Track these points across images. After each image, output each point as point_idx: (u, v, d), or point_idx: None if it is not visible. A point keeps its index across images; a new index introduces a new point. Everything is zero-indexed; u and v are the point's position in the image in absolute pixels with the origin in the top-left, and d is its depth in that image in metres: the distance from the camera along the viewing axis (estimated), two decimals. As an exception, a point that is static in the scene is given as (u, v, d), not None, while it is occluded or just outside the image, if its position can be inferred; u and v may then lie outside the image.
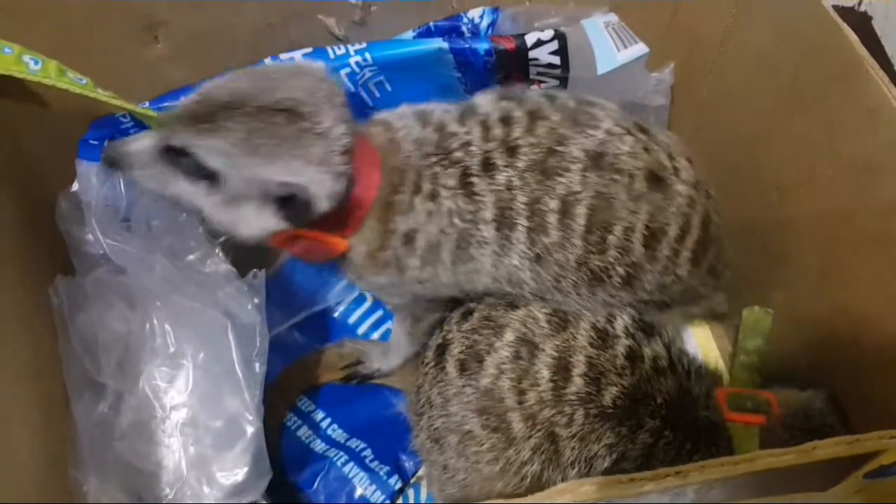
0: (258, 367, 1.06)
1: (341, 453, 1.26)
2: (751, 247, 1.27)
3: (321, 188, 0.89)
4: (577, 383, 0.98)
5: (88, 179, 1.06)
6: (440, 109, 1.03)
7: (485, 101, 1.03)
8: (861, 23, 1.65)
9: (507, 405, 0.99)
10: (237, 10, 1.12)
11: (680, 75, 1.33)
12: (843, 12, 1.61)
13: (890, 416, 0.96)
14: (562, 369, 0.99)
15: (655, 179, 1.00)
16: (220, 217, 0.93)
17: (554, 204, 0.95)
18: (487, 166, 0.96)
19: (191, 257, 1.09)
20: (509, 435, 0.99)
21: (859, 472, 0.75)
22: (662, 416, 1.00)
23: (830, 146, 1.04)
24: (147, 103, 1.11)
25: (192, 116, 0.87)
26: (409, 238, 0.98)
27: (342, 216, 0.94)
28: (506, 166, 0.96)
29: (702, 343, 1.39)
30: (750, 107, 1.22)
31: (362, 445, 1.27)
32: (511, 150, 0.96)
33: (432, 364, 1.09)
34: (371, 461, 1.25)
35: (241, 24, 1.14)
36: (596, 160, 0.96)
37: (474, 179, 0.96)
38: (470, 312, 1.07)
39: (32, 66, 0.97)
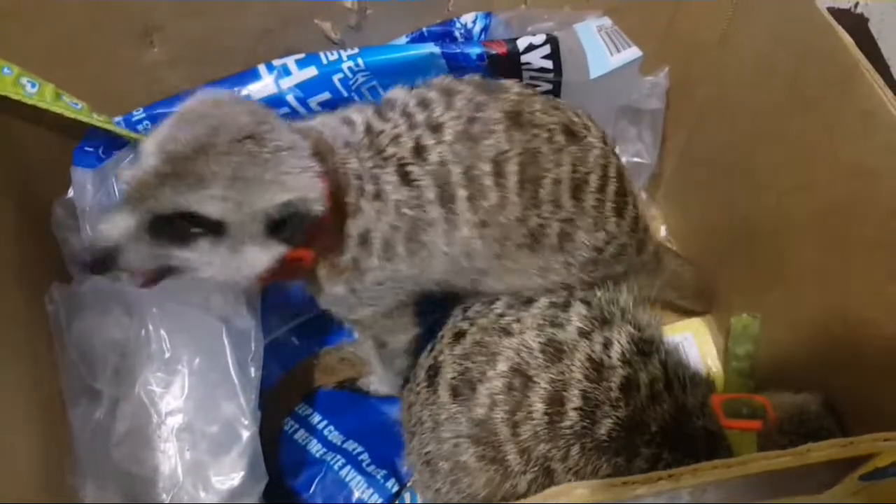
0: (253, 372, 1.06)
1: (338, 457, 1.26)
2: (748, 249, 1.28)
3: (314, 192, 0.89)
4: (571, 417, 0.96)
5: (83, 186, 1.07)
6: (359, 111, 1.04)
7: (399, 92, 1.05)
8: (857, 25, 1.65)
9: (501, 437, 0.97)
10: (234, 14, 1.12)
11: (677, 79, 1.33)
12: (839, 14, 1.61)
13: (886, 419, 0.96)
14: (556, 403, 0.97)
15: (570, 133, 1.04)
16: (224, 269, 0.90)
17: (487, 167, 0.98)
18: (419, 151, 0.98)
19: None
20: (506, 468, 0.98)
21: (855, 474, 0.75)
22: (658, 442, 0.99)
23: (827, 149, 1.04)
24: (142, 110, 1.12)
25: (167, 177, 0.84)
26: (363, 239, 0.99)
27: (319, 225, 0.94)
28: (435, 144, 0.98)
29: (700, 342, 1.40)
30: (747, 110, 1.22)
31: (359, 449, 1.27)
32: (436, 128, 0.99)
33: (424, 385, 1.07)
34: (368, 465, 1.25)
35: (238, 28, 1.13)
36: (515, 119, 1.00)
37: (410, 168, 0.98)
38: (462, 334, 1.06)
39: (29, 89, 0.99)
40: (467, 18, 1.21)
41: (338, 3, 1.15)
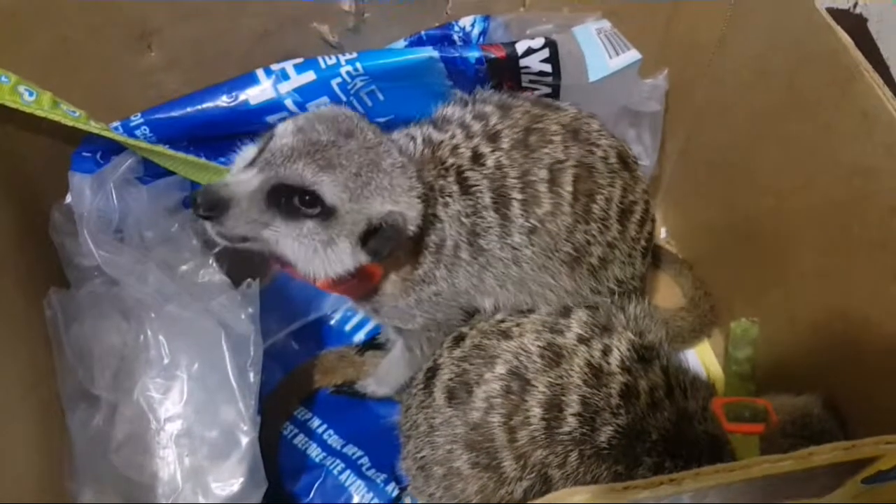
0: (252, 377, 1.05)
1: (338, 461, 1.26)
2: (749, 250, 1.28)
3: (414, 211, 0.96)
4: (570, 423, 0.96)
5: (81, 191, 1.07)
6: (418, 126, 1.10)
7: (454, 108, 1.11)
8: (856, 25, 1.64)
9: (497, 443, 0.97)
10: (231, 18, 1.11)
11: (676, 81, 1.33)
12: (839, 15, 1.61)
13: (889, 419, 0.96)
14: (554, 408, 0.97)
15: (623, 160, 1.08)
16: (310, 257, 0.94)
17: (543, 173, 1.02)
18: (477, 158, 1.03)
19: (184, 268, 1.09)
20: (501, 475, 0.97)
21: (857, 477, 0.75)
22: (660, 451, 0.98)
23: (827, 150, 1.04)
24: (139, 115, 1.11)
25: (301, 154, 0.90)
26: (438, 248, 1.03)
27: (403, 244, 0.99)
28: (492, 151, 1.02)
29: (699, 347, 1.39)
30: (746, 111, 1.22)
31: (359, 453, 1.26)
32: (493, 137, 1.03)
33: (421, 387, 1.07)
34: (368, 469, 1.24)
35: (236, 32, 1.13)
36: (574, 133, 1.04)
37: (468, 174, 1.02)
38: (462, 338, 1.07)
39: (27, 98, 0.99)
40: (466, 22, 1.21)
41: (336, 5, 1.14)
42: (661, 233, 1.55)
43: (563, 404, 0.96)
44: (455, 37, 1.21)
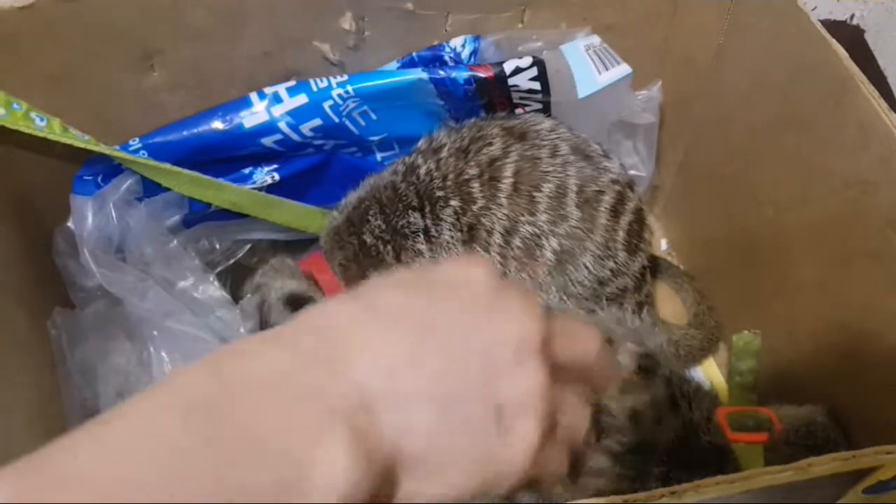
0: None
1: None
2: (749, 262, 1.28)
3: None
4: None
5: (83, 213, 1.07)
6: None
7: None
8: (853, 36, 1.66)
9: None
10: (233, 38, 1.12)
11: (673, 94, 1.34)
12: (835, 26, 1.63)
13: (891, 429, 0.96)
14: None
15: (581, 152, 0.99)
16: None
17: (475, 171, 0.95)
18: (411, 171, 1.01)
19: (184, 284, 1.09)
20: None
21: (858, 487, 0.75)
22: (665, 461, 0.97)
23: (823, 163, 1.05)
24: (138, 140, 1.13)
25: None
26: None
27: None
28: (425, 162, 0.99)
29: (704, 363, 1.39)
30: (744, 124, 1.23)
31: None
32: (435, 151, 1.01)
33: None
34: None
35: (238, 52, 1.14)
36: (520, 136, 0.98)
37: (399, 185, 1.02)
38: None
39: (38, 123, 1.00)
40: (456, 42, 1.21)
41: (336, 25, 1.15)
42: (662, 244, 1.56)
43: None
44: (446, 57, 1.22)
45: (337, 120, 1.16)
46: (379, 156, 1.30)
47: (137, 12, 1.05)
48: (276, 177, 1.22)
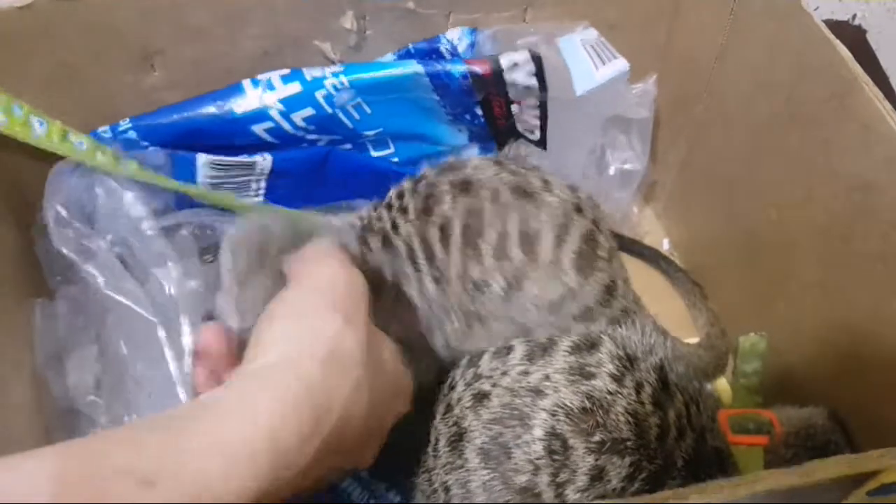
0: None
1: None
2: (752, 263, 1.28)
3: None
4: (614, 483, 0.89)
5: (57, 190, 1.04)
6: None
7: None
8: (856, 37, 1.66)
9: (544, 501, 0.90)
10: (233, 37, 1.12)
11: (676, 92, 1.34)
12: (838, 27, 1.62)
13: (895, 432, 0.96)
14: (595, 479, 0.89)
15: (521, 192, 1.02)
16: None
17: (434, 232, 1.01)
18: (394, 228, 1.04)
19: (157, 271, 1.05)
20: None
21: (862, 490, 0.74)
22: (683, 475, 0.94)
23: (826, 164, 1.04)
24: (128, 120, 1.12)
25: None
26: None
27: None
28: (405, 223, 1.03)
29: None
30: (746, 124, 1.22)
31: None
32: (404, 210, 1.04)
33: (447, 450, 0.99)
34: (366, 477, 1.22)
35: (238, 52, 1.14)
36: (463, 187, 1.02)
37: (391, 237, 1.04)
38: (485, 396, 0.97)
39: (38, 129, 0.99)
40: (453, 35, 1.21)
41: (337, 23, 1.15)
42: (664, 244, 1.56)
43: (603, 473, 0.89)
44: (442, 49, 1.21)
45: (330, 111, 1.15)
46: (373, 153, 1.30)
47: (137, 12, 1.04)
48: (268, 157, 1.20)
